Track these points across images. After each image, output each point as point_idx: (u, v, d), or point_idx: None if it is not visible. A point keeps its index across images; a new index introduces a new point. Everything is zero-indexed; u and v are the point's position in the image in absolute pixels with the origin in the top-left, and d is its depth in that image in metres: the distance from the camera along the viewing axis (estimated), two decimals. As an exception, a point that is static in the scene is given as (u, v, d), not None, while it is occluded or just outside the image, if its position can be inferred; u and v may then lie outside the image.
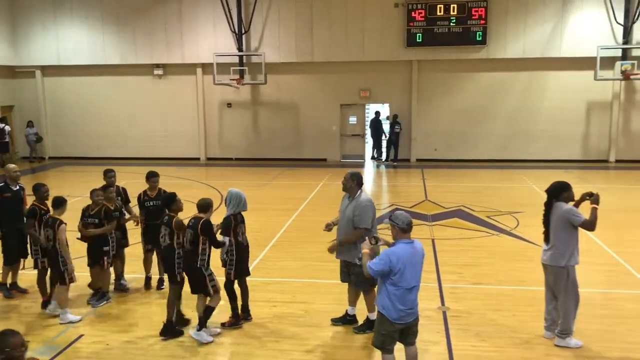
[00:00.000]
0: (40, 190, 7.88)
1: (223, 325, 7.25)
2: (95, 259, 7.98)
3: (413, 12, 20.90)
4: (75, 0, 22.51)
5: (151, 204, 8.39)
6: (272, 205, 14.56)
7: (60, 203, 7.47)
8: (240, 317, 7.33)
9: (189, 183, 17.67)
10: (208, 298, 6.87)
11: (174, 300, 7.14)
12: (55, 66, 23.24)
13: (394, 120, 21.89)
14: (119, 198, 8.56)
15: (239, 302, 7.36)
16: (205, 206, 6.89)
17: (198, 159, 23.28)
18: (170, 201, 7.27)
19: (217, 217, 7.48)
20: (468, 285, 8.76)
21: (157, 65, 22.82)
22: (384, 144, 22.99)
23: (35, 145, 23.01)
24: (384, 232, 8.15)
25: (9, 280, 8.55)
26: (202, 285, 6.80)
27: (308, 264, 9.89)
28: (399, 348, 5.66)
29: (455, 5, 20.61)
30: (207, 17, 21.98)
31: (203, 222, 6.72)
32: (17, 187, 8.43)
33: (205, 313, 6.85)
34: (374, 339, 5.64)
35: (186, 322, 7.32)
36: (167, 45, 22.45)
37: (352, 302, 7.33)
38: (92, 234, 7.84)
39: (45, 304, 7.86)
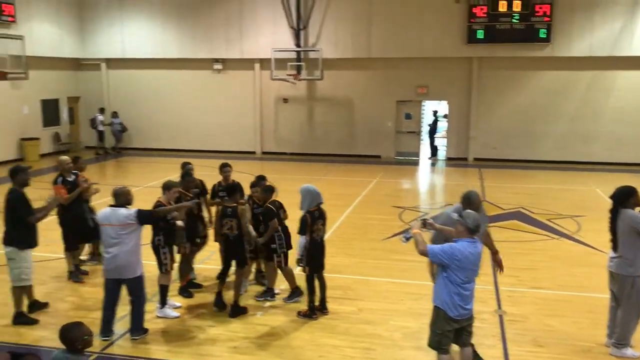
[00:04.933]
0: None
1: (299, 314, 7.47)
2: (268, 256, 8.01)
3: (474, 8, 20.45)
4: (140, -5, 23.18)
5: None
6: (324, 200, 14.52)
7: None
8: (316, 309, 7.47)
9: (246, 176, 17.84)
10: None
11: (241, 282, 7.64)
12: (119, 59, 23.98)
13: (435, 117, 21.68)
14: (197, 190, 8.56)
15: (317, 296, 7.52)
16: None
17: (254, 152, 23.56)
18: (236, 190, 7.58)
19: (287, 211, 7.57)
20: (525, 289, 8.52)
21: (217, 60, 23.21)
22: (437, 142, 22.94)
23: (120, 135, 23.78)
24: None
25: (70, 266, 8.93)
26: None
27: (360, 261, 9.86)
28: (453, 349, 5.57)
29: (519, 2, 20.02)
30: (267, 13, 22.17)
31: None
32: (72, 178, 8.77)
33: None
34: (430, 340, 5.56)
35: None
36: (227, 41, 22.78)
37: None
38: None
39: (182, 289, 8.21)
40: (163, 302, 7.51)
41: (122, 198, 6.78)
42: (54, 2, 22.19)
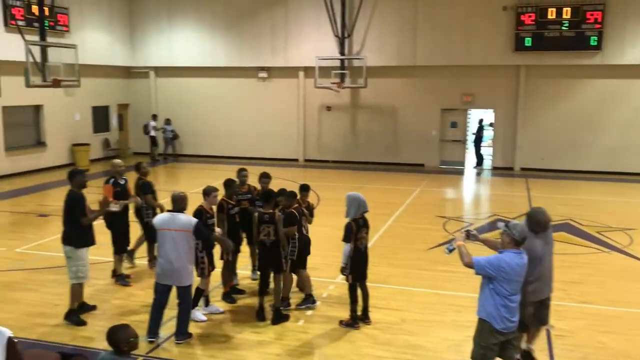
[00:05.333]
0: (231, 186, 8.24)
1: (341, 323, 7.45)
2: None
3: (522, 16, 20.09)
4: (188, 5, 23.64)
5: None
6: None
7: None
8: (358, 318, 7.45)
9: (288, 183, 17.94)
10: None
11: (280, 287, 7.66)
12: (167, 67, 24.53)
13: (480, 125, 21.71)
14: (249, 196, 8.70)
15: (359, 305, 7.50)
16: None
17: (296, 160, 23.68)
18: (271, 197, 7.62)
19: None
20: (574, 304, 8.28)
21: (262, 68, 23.48)
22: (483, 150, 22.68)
23: (173, 142, 24.29)
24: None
25: (121, 269, 9.19)
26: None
27: (403, 271, 9.77)
28: None
29: (569, 9, 19.58)
30: (312, 21, 22.32)
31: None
32: (124, 181, 9.06)
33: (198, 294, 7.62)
34: (474, 353, 5.45)
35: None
36: (272, 49, 23.03)
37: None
38: None
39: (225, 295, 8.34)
40: (194, 304, 7.58)
41: (180, 204, 6.96)
42: (106, 12, 22.90)
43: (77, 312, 7.68)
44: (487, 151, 23.33)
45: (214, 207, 7.79)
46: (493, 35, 20.56)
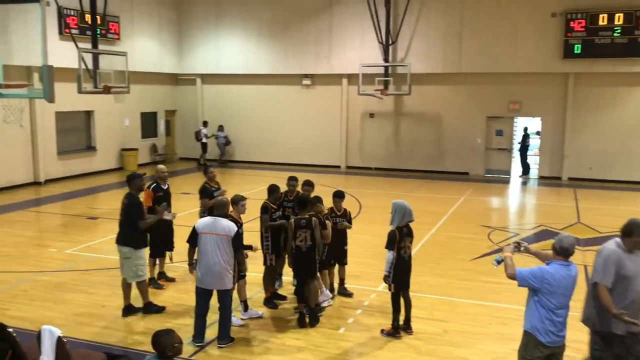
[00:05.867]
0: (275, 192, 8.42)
1: (382, 332, 7.44)
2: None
3: (572, 22, 19.62)
4: (235, 14, 24.01)
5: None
6: (411, 217, 14.36)
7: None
8: (400, 328, 7.42)
9: (329, 190, 17.98)
10: None
11: (316, 288, 7.87)
12: (213, 74, 24.95)
13: (525, 133, 21.50)
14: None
15: (402, 315, 7.48)
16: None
17: (339, 167, 23.70)
18: (307, 203, 7.72)
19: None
20: (625, 320, 7.98)
21: (306, 76, 23.63)
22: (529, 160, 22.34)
23: (224, 148, 24.66)
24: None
25: (156, 272, 9.36)
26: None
27: (447, 281, 9.64)
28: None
29: (621, 15, 19.01)
30: (356, 28, 22.34)
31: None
32: (167, 186, 9.24)
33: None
34: None
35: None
36: (316, 56, 23.15)
37: None
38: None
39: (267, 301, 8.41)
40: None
41: (223, 209, 7.10)
42: (155, 20, 23.49)
43: (122, 315, 7.92)
44: (533, 160, 22.87)
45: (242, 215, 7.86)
46: (541, 41, 20.15)
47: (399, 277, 7.27)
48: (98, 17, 17.66)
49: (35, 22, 16.82)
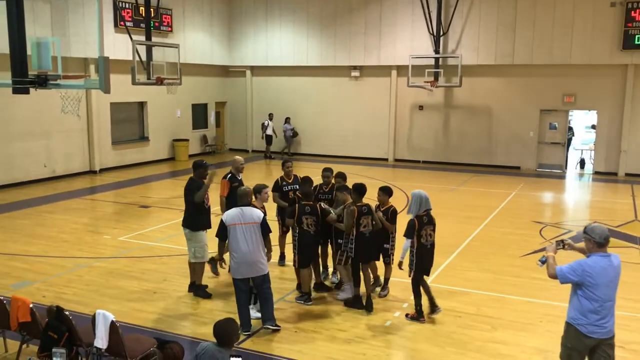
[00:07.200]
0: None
1: (407, 316, 7.64)
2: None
3: (633, 12, 18.83)
4: (285, 6, 24.10)
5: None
6: (458, 211, 14.18)
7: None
8: (423, 313, 7.55)
9: (377, 183, 17.91)
10: None
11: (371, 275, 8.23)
12: (263, 67, 25.14)
13: (569, 127, 21.34)
14: (330, 197, 8.79)
15: (424, 300, 7.63)
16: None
17: (386, 159, 23.54)
18: (363, 191, 7.96)
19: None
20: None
21: (355, 67, 23.53)
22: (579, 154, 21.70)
23: (291, 140, 24.86)
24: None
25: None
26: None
27: (495, 277, 9.46)
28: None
29: (686, 3, 18.18)
30: (406, 19, 22.09)
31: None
32: (240, 177, 9.28)
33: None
34: (561, 353, 5.29)
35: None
36: (365, 47, 23.01)
37: None
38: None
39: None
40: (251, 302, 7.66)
41: (246, 198, 7.28)
42: (207, 13, 23.82)
43: (188, 290, 8.38)
44: (581, 155, 22.17)
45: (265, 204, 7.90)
46: (598, 32, 19.44)
47: (420, 264, 7.47)
48: (152, 10, 18.04)
49: (92, 15, 17.41)
